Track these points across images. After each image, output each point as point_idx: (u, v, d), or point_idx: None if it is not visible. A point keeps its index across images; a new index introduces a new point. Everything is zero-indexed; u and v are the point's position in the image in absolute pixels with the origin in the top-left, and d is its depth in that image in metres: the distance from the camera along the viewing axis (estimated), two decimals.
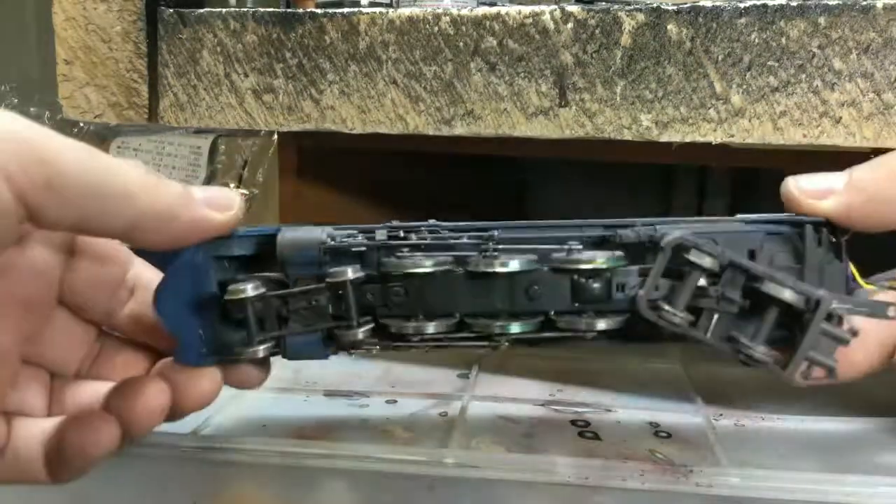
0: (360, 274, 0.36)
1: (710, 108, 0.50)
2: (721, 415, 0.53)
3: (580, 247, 0.38)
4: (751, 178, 1.05)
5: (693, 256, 0.36)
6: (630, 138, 0.51)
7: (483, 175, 1.01)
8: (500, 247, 0.37)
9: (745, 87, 0.49)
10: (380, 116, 0.56)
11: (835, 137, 0.48)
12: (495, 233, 0.38)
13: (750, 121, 0.49)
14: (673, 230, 0.37)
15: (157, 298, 0.36)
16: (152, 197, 0.31)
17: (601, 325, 0.37)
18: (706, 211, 1.06)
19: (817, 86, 0.48)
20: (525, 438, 0.49)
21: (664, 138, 0.51)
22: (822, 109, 0.48)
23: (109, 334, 0.39)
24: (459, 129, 0.54)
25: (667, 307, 0.36)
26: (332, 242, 0.37)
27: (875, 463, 0.47)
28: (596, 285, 0.37)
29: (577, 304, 0.37)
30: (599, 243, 0.39)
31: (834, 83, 0.48)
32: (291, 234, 0.37)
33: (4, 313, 0.32)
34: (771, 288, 0.36)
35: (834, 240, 0.38)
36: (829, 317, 0.35)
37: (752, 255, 0.38)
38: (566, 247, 0.37)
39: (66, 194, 0.28)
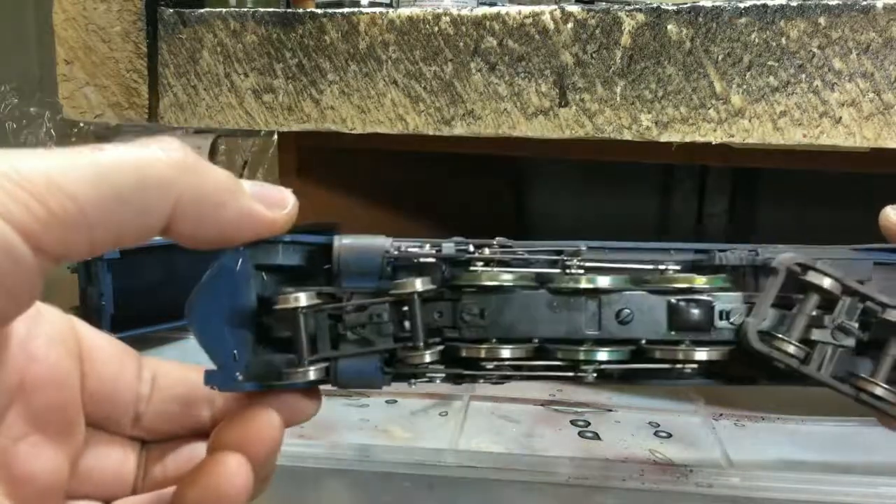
0: (430, 287, 0.32)
1: (710, 108, 0.50)
2: (721, 415, 0.53)
3: (677, 268, 0.34)
4: (751, 177, 1.05)
5: (812, 277, 0.32)
6: (630, 138, 0.51)
7: (483, 175, 1.01)
8: (587, 264, 0.33)
9: (745, 87, 0.49)
10: (380, 116, 0.56)
11: (835, 137, 0.48)
12: (582, 246, 0.34)
13: (750, 121, 0.49)
14: (782, 252, 0.33)
15: (191, 306, 0.31)
16: (193, 178, 0.27)
17: (701, 355, 0.33)
18: (706, 211, 1.06)
19: (817, 86, 0.48)
20: (525, 438, 0.49)
21: (664, 138, 0.51)
22: (822, 109, 0.48)
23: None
24: (459, 129, 0.54)
25: (781, 335, 0.32)
26: (397, 252, 0.33)
27: (875, 463, 0.47)
28: (696, 311, 0.33)
29: (673, 333, 0.33)
30: (694, 268, 0.34)
31: (834, 83, 0.48)
32: (350, 241, 0.33)
33: (37, 432, 0.28)
34: (894, 316, 0.32)
35: None
36: None
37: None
38: (661, 267, 0.34)
39: (86, 215, 0.24)
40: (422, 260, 0.33)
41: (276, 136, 0.88)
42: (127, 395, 0.32)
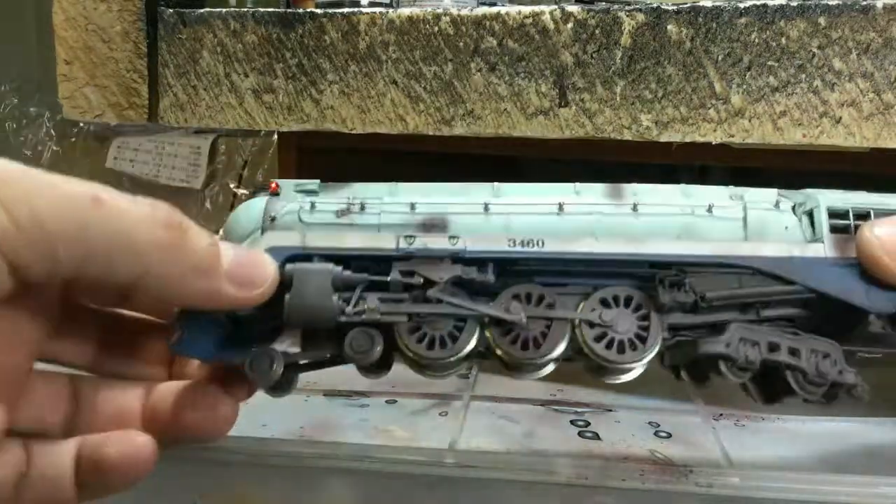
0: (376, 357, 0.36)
1: (710, 108, 0.50)
2: (721, 415, 0.53)
3: (608, 322, 0.36)
4: (751, 178, 1.05)
5: (726, 371, 0.37)
6: (630, 138, 0.51)
7: (483, 175, 1.01)
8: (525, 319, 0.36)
9: (745, 87, 0.49)
10: (380, 116, 0.56)
11: (835, 137, 0.48)
12: (523, 318, 0.36)
13: (750, 121, 0.49)
14: (716, 340, 0.36)
15: (176, 352, 0.35)
16: (165, 258, 0.27)
17: (631, 373, 0.38)
18: None
19: (817, 86, 0.48)
20: (525, 438, 0.49)
21: (664, 138, 0.51)
22: (822, 109, 0.48)
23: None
24: (459, 129, 0.54)
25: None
26: (344, 319, 0.35)
27: (875, 463, 0.47)
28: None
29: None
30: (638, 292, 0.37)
31: (834, 83, 0.48)
32: (299, 303, 0.34)
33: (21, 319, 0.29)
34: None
35: None
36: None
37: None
38: (596, 320, 0.36)
39: (47, 240, 0.24)
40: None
41: (276, 136, 0.88)
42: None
